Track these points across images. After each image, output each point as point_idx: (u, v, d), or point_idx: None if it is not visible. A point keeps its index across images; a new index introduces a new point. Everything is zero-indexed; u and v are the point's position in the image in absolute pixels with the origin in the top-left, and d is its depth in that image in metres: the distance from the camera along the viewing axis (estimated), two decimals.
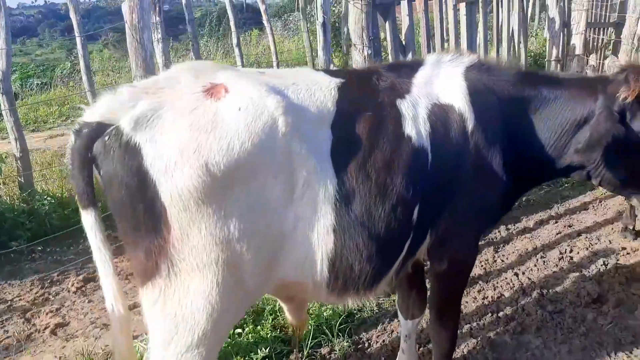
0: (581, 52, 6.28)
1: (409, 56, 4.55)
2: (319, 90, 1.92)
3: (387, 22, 4.24)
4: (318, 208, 1.81)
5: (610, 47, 8.08)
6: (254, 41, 17.35)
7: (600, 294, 3.71)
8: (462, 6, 5.12)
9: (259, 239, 1.75)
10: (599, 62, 6.17)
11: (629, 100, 2.14)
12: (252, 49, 16.15)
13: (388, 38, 4.28)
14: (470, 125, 2.10)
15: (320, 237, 1.84)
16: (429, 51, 4.83)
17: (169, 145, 1.60)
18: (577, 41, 6.30)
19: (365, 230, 1.89)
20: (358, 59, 3.88)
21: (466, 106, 2.11)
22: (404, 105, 2.04)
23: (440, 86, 2.15)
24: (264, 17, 9.70)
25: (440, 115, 2.09)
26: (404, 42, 4.51)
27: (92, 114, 1.72)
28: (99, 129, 1.67)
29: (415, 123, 2.01)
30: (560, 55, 6.32)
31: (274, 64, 9.90)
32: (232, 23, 8.87)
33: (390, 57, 4.35)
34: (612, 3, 7.01)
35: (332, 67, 3.79)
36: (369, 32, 3.82)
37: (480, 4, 5.37)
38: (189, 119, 1.63)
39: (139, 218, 1.66)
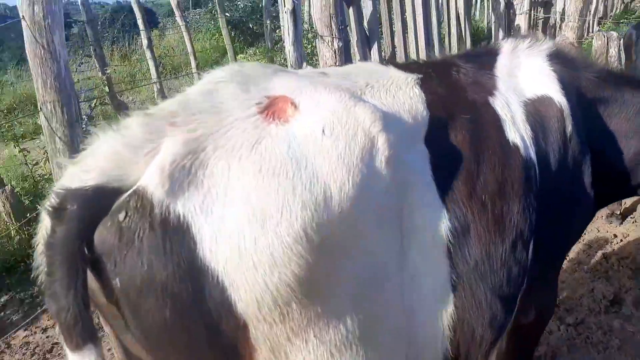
0: (527, 32, 6.08)
1: (374, 47, 3.96)
2: (399, 90, 1.43)
3: (350, 9, 3.61)
4: (430, 258, 1.33)
5: (540, 26, 8.12)
6: (157, 43, 15.93)
7: (614, 294, 3.41)
8: None
9: (385, 327, 1.23)
10: None
11: None
12: (156, 51, 14.80)
13: (352, 27, 3.65)
14: (569, 125, 1.69)
15: (438, 299, 1.35)
16: (392, 40, 4.28)
17: (237, 213, 1.00)
18: (521, 21, 6.10)
19: (486, 281, 1.43)
20: (327, 54, 3.21)
21: (564, 100, 1.69)
22: (499, 105, 1.59)
23: (527, 78, 1.73)
24: (177, 13, 8.69)
25: (536, 114, 1.66)
26: (367, 31, 3.91)
27: (82, 172, 1.04)
28: (101, 200, 1.02)
29: (516, 127, 1.58)
30: (505, 37, 6.08)
31: (192, 65, 8.94)
32: (140, 22, 7.79)
33: (355, 49, 3.72)
34: None
35: (305, 65, 3.10)
36: (337, 21, 3.16)
37: None
38: (254, 161, 1.05)
39: (199, 347, 1.04)
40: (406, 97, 1.42)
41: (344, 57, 3.34)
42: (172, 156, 1.02)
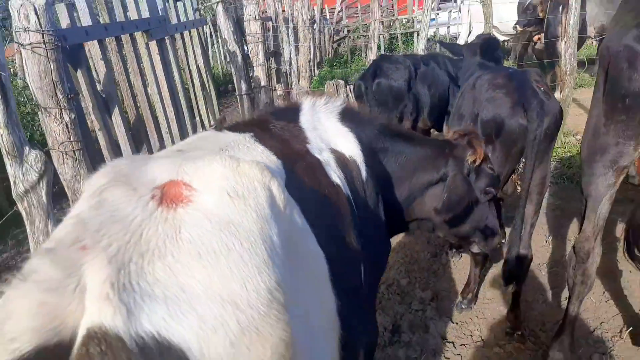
0: (266, 83, 6.36)
1: (115, 111, 3.46)
2: (248, 149, 1.51)
3: (79, 72, 3.04)
4: (322, 293, 1.41)
5: (274, 75, 8.71)
6: None
7: (392, 323, 3.67)
8: (154, 44, 4.32)
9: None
10: (286, 91, 6.42)
11: (477, 164, 2.34)
12: None
13: (85, 93, 3.08)
14: (364, 172, 1.95)
15: (330, 334, 1.45)
16: (134, 99, 3.83)
17: (208, 305, 0.92)
18: (259, 72, 6.34)
19: (354, 307, 1.61)
20: (56, 129, 2.59)
21: (357, 150, 1.95)
22: (316, 152, 1.76)
23: (327, 132, 1.94)
24: None
25: (341, 161, 1.87)
26: (103, 95, 3.37)
27: (7, 343, 0.80)
28: None
29: (333, 170, 1.76)
30: (248, 89, 6.24)
31: None
32: None
33: (92, 117, 3.17)
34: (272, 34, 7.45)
35: (27, 149, 2.36)
36: (65, 88, 2.59)
37: (168, 41, 4.66)
38: (189, 252, 0.97)
39: None
40: (258, 152, 1.49)
41: (79, 129, 2.77)
42: (107, 280, 0.88)
